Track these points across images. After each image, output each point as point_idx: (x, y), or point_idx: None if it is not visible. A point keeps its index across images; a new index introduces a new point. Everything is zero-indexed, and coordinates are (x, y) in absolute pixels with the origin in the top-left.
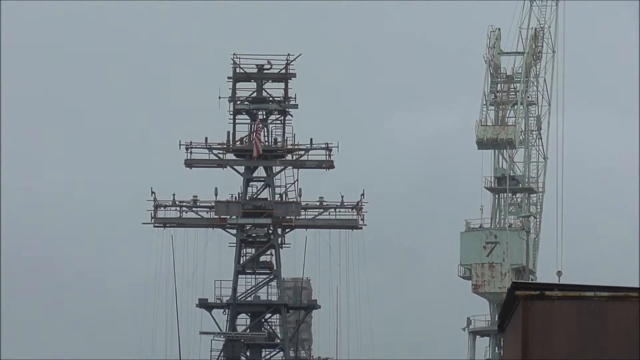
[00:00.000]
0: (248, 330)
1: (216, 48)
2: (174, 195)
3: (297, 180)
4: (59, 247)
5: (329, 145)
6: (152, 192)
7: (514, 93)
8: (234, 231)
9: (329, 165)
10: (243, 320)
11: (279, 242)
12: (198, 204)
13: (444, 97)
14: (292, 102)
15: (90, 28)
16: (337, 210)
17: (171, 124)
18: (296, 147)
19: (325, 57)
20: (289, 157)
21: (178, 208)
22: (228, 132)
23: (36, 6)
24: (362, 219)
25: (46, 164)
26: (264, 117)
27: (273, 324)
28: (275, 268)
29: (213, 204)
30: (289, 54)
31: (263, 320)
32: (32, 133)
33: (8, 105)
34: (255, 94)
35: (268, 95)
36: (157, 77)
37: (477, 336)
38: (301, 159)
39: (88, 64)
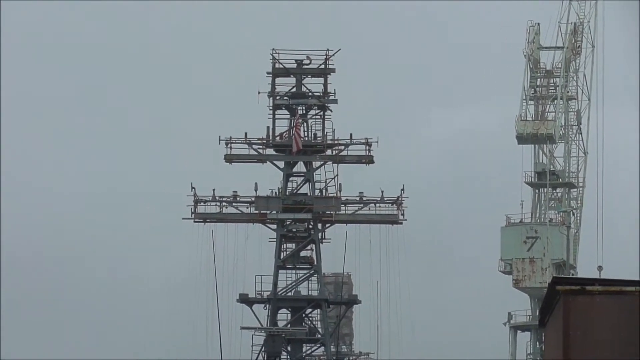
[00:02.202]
0: (289, 325)
1: (255, 43)
2: (214, 190)
3: (337, 175)
4: (99, 242)
5: (369, 140)
6: (192, 188)
7: (553, 88)
8: (274, 226)
9: (368, 160)
10: (284, 316)
11: (319, 237)
12: (238, 199)
13: (483, 92)
14: (331, 97)
15: (131, 24)
16: (377, 205)
17: (211, 119)
18: (336, 142)
19: (365, 53)
20: (328, 152)
21: (218, 203)
22: (268, 127)
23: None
24: (402, 214)
25: (88, 159)
26: (304, 112)
27: (314, 319)
28: (315, 263)
29: (253, 199)
30: (328, 49)
31: (304, 315)
32: (77, 128)
33: (55, 101)
34: (294, 89)
35: (307, 91)
36: (197, 72)
37: (518, 331)
38: (341, 154)
39: (129, 60)
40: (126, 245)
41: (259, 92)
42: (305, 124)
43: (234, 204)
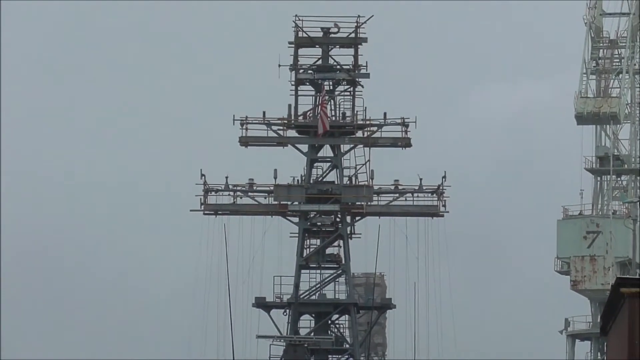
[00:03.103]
0: (312, 334)
1: (276, 9)
2: (227, 178)
3: (368, 160)
4: (98, 238)
5: (406, 120)
6: (202, 175)
7: (618, 60)
8: (296, 219)
9: (405, 143)
10: (306, 322)
11: (348, 232)
12: (255, 188)
13: (537, 65)
14: (362, 71)
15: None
16: (415, 195)
17: (224, 96)
18: (368, 122)
19: (401, 20)
20: (359, 134)
21: (232, 193)
22: (289, 106)
23: None
24: (444, 205)
25: (86, 145)
26: (331, 88)
27: (341, 326)
28: (343, 262)
29: (272, 188)
30: (359, 16)
31: (329, 322)
32: (74, 115)
33: (57, 87)
34: (320, 62)
35: (335, 63)
36: (208, 43)
37: (577, 340)
38: (373, 136)
39: (132, 32)
40: (128, 241)
41: (279, 65)
42: (332, 101)
43: (249, 194)
